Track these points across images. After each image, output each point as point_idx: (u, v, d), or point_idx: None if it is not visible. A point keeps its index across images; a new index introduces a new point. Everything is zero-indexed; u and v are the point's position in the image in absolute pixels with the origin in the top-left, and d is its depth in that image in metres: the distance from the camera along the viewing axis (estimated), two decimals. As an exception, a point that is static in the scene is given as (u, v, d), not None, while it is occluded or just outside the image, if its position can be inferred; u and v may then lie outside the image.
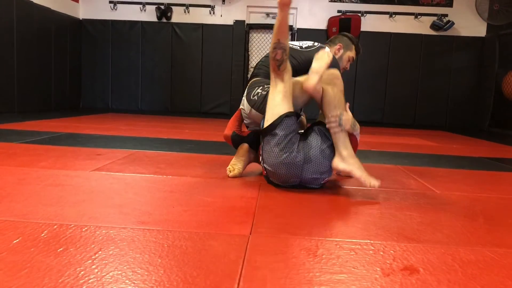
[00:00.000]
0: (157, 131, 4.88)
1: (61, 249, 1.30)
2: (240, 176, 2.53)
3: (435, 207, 2.08)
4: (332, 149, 2.22)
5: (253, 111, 2.48)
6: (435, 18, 8.21)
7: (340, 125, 2.19)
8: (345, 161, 2.19)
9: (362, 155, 2.98)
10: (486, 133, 7.18)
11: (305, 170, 2.18)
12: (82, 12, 8.54)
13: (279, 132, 2.17)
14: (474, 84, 8.32)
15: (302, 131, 2.37)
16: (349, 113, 2.27)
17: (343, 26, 7.99)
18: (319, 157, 2.19)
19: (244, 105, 2.58)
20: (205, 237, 1.47)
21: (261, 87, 2.48)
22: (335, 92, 2.22)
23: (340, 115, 2.19)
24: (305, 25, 8.32)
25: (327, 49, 2.61)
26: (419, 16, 8.26)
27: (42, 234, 1.41)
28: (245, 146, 2.59)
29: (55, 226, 1.49)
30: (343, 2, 8.33)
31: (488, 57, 8.01)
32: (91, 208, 1.75)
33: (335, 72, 2.28)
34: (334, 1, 8.34)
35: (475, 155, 4.20)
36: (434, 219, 1.86)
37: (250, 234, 1.53)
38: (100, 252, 1.29)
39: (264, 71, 2.59)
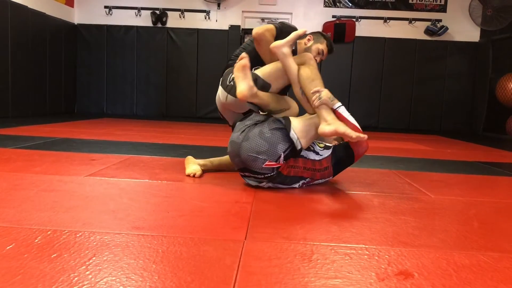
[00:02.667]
0: (152, 136, 4.87)
1: (55, 255, 1.29)
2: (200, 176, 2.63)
3: (430, 212, 2.09)
4: (275, 135, 2.26)
5: (229, 97, 2.55)
6: (429, 23, 8.26)
7: (319, 98, 2.27)
8: (330, 124, 2.23)
9: (357, 159, 2.98)
10: (481, 138, 7.22)
11: (242, 148, 2.29)
12: (77, 17, 8.53)
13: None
14: (469, 88, 8.36)
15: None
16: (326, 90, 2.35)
17: (337, 31, 8.03)
18: (256, 136, 2.27)
19: (220, 94, 2.64)
20: (200, 243, 1.46)
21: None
22: (311, 69, 2.37)
23: (321, 92, 2.29)
24: (300, 30, 8.33)
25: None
26: (413, 21, 8.31)
27: (36, 240, 1.40)
28: (188, 157, 2.83)
29: (49, 232, 1.48)
30: (338, 7, 8.37)
31: (482, 62, 8.06)
32: (85, 213, 1.75)
33: (308, 54, 2.47)
34: (329, 6, 8.38)
35: (470, 160, 4.22)
36: (428, 224, 1.86)
37: (245, 239, 1.53)
38: (94, 258, 1.29)
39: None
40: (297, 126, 2.29)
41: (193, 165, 2.71)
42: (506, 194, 2.72)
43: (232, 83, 2.51)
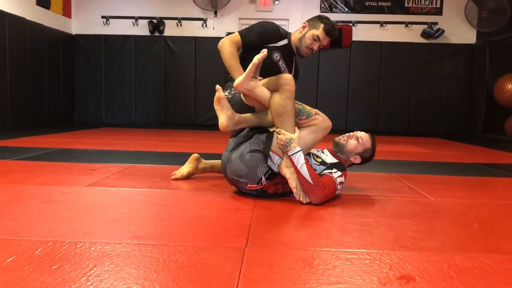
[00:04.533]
0: (152, 145, 4.88)
1: (56, 266, 1.29)
2: (183, 178, 2.75)
3: (430, 215, 2.09)
4: (254, 158, 2.21)
5: None
6: (425, 26, 8.29)
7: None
8: (289, 168, 2.17)
9: (356, 164, 2.98)
10: (479, 139, 7.22)
11: (227, 169, 2.31)
12: (75, 28, 8.56)
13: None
14: (466, 90, 8.38)
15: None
16: (296, 132, 2.20)
17: (334, 36, 8.04)
18: (237, 160, 2.25)
19: None
20: (200, 251, 1.46)
21: (227, 91, 2.57)
22: (281, 100, 2.19)
23: (278, 134, 2.16)
24: (297, 36, 8.36)
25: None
26: (409, 25, 8.34)
27: (36, 252, 1.40)
28: (194, 155, 2.84)
29: (50, 243, 1.48)
30: (334, 12, 8.40)
31: (479, 63, 8.08)
32: (85, 224, 1.74)
33: (287, 76, 2.23)
34: (325, 12, 8.41)
35: (469, 161, 4.22)
36: (429, 227, 1.86)
37: (246, 246, 1.53)
38: (95, 268, 1.28)
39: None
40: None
41: (184, 168, 2.80)
42: (506, 195, 2.72)
43: None
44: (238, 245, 1.54)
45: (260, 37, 2.55)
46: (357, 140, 2.43)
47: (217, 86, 2.31)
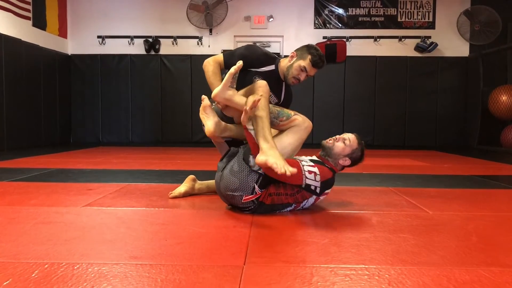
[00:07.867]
0: (149, 163, 4.87)
1: (52, 289, 1.28)
2: (181, 196, 2.73)
3: (429, 228, 2.08)
4: (241, 165, 2.26)
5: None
6: (418, 40, 8.38)
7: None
8: (264, 154, 2.12)
9: (353, 178, 2.99)
10: (476, 151, 7.25)
11: (221, 187, 2.34)
12: (71, 48, 8.61)
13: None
14: (461, 103, 8.43)
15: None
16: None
17: (329, 51, 8.12)
18: (228, 174, 2.29)
19: None
20: (198, 270, 1.45)
21: (214, 103, 2.60)
22: (255, 96, 2.28)
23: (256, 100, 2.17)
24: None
25: None
26: (403, 39, 8.43)
27: (33, 275, 1.38)
28: (190, 176, 2.88)
29: (46, 266, 1.47)
30: (328, 28, 8.48)
31: (473, 76, 8.14)
32: (82, 245, 1.73)
33: (260, 81, 2.39)
34: (319, 28, 8.49)
35: (466, 174, 4.23)
36: (428, 241, 1.86)
37: (244, 264, 1.52)
38: (92, 290, 1.27)
39: None
40: None
41: (181, 187, 2.79)
42: (504, 207, 2.72)
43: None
44: (236, 263, 1.53)
45: (241, 60, 2.54)
46: (343, 142, 2.42)
47: (203, 96, 2.47)
